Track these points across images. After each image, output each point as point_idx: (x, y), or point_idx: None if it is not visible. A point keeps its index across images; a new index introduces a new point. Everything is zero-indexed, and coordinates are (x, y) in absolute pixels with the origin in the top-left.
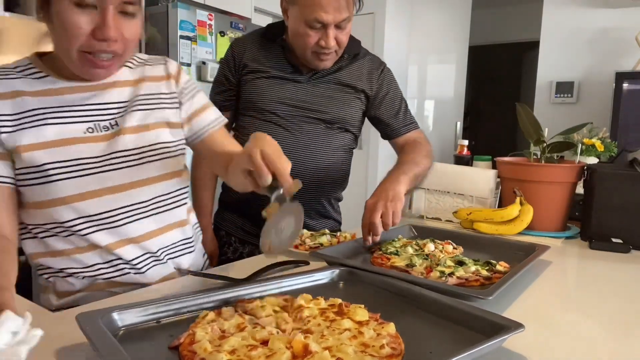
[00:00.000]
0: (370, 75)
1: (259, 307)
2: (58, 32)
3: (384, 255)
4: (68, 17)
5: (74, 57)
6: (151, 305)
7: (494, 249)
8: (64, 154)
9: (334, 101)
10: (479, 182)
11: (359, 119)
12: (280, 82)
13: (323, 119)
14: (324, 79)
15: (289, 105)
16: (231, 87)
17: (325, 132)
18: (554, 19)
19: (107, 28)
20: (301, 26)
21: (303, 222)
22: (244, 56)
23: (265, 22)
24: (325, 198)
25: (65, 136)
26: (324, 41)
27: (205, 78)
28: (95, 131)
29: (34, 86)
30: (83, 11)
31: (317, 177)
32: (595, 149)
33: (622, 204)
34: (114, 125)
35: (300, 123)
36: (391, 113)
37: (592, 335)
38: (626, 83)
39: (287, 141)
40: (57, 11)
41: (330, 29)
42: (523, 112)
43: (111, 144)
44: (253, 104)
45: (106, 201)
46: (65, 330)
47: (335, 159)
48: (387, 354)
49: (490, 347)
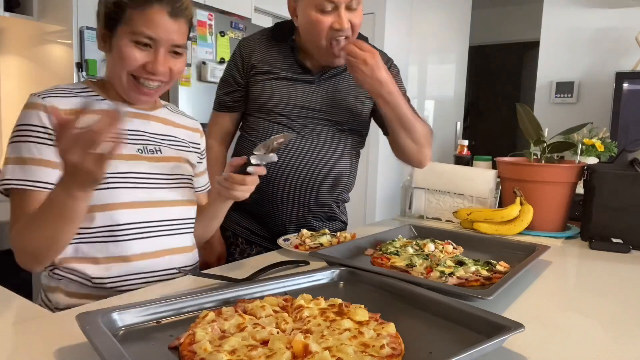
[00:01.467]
0: None
1: (258, 307)
2: (115, 60)
3: (384, 256)
4: (126, 50)
5: (124, 81)
6: (151, 305)
7: (494, 249)
8: (122, 167)
9: (343, 102)
10: (479, 182)
11: (368, 118)
12: (289, 83)
13: (335, 120)
14: (334, 79)
15: (298, 107)
16: (239, 87)
17: (335, 134)
18: (554, 19)
19: (157, 64)
20: (312, 13)
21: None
22: (252, 57)
23: (265, 22)
24: (333, 200)
25: (121, 152)
26: (337, 23)
27: (205, 78)
28: (144, 152)
29: (95, 107)
30: (139, 48)
31: (326, 180)
32: (595, 149)
33: (622, 204)
34: (157, 151)
35: (309, 125)
36: None
37: (592, 335)
38: (626, 83)
39: (297, 143)
40: (117, 45)
41: (342, 9)
42: (523, 112)
43: (155, 166)
44: (262, 106)
45: (147, 212)
46: (65, 330)
47: (344, 161)
48: (387, 354)
49: (490, 347)
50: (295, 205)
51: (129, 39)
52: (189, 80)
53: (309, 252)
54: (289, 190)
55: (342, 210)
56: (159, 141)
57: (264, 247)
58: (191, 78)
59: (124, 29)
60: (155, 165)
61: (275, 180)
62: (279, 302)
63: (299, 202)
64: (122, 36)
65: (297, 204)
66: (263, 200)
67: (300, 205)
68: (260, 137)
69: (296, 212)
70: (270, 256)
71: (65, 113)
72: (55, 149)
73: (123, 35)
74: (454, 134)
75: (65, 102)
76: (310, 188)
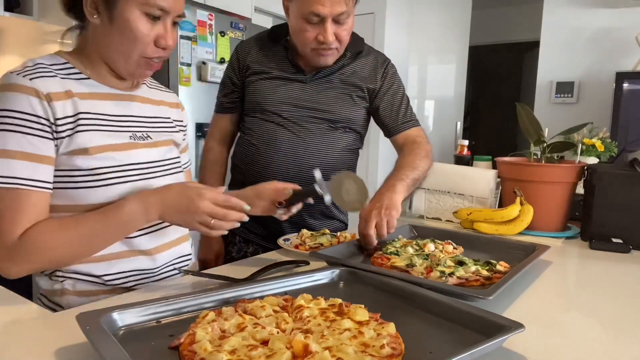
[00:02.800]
0: (374, 71)
1: (258, 307)
2: (122, 36)
3: (384, 256)
4: (137, 25)
5: (134, 60)
6: (151, 305)
7: (494, 249)
8: (119, 158)
9: (337, 100)
10: (479, 182)
11: (364, 118)
12: (283, 82)
13: (327, 118)
14: (326, 78)
15: (292, 105)
16: (236, 89)
17: (329, 132)
18: (554, 19)
19: (169, 38)
20: (299, 21)
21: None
22: (247, 58)
23: (265, 22)
24: None
25: (115, 142)
26: (322, 36)
27: (206, 78)
28: (135, 139)
29: (80, 88)
30: (150, 21)
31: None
32: (595, 149)
33: (622, 204)
34: (147, 137)
35: (304, 123)
36: (392, 108)
37: (592, 335)
38: (626, 83)
39: (292, 142)
40: (125, 17)
41: (328, 23)
42: (523, 112)
43: (147, 153)
44: (257, 105)
45: None
46: (65, 330)
47: (340, 159)
48: (387, 354)
49: (490, 347)
50: None
51: (140, 11)
52: (189, 80)
53: (309, 252)
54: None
55: (341, 210)
56: (147, 125)
57: (261, 245)
58: (191, 78)
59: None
60: (147, 152)
61: (269, 178)
62: (279, 302)
63: None
64: (130, 6)
65: None
66: None
67: None
68: (256, 136)
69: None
70: (270, 256)
71: (57, 96)
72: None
73: (132, 4)
74: (454, 134)
75: (54, 84)
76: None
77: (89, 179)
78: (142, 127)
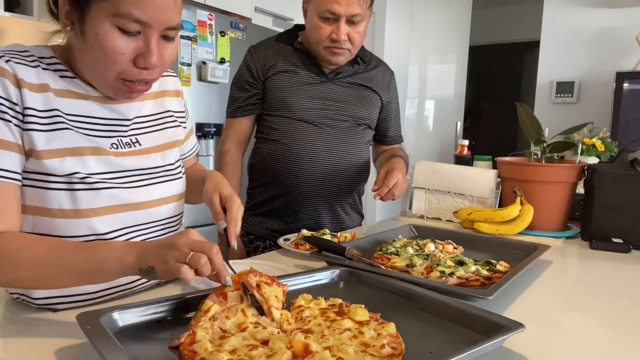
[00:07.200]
0: (387, 82)
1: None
2: (93, 52)
3: (384, 256)
4: (109, 40)
5: (110, 82)
6: (151, 305)
7: (494, 249)
8: (92, 167)
9: (360, 99)
10: (479, 182)
11: (377, 117)
12: (307, 81)
13: (351, 115)
14: (347, 79)
15: (319, 103)
16: (255, 90)
17: (353, 129)
18: (554, 19)
19: (151, 56)
20: (315, 19)
21: None
22: (266, 58)
23: (265, 22)
24: (356, 192)
25: (92, 146)
26: (335, 34)
27: (206, 78)
28: (119, 147)
29: (58, 83)
30: (125, 36)
31: (349, 173)
32: (595, 149)
33: (622, 204)
34: (135, 143)
35: (328, 121)
36: (393, 120)
37: (592, 335)
38: (626, 83)
39: (318, 139)
40: (95, 32)
41: (342, 21)
42: (523, 112)
43: (134, 161)
44: (282, 103)
45: (131, 216)
46: (65, 330)
47: (362, 154)
48: (387, 353)
49: (490, 347)
50: (324, 198)
51: (111, 23)
52: (189, 80)
53: (309, 252)
54: (315, 184)
55: (361, 203)
56: (137, 128)
57: (274, 241)
58: (191, 78)
59: (103, 7)
60: (134, 160)
61: (303, 175)
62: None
63: (327, 195)
64: (100, 18)
65: (326, 197)
66: (290, 195)
67: (329, 198)
68: (286, 134)
69: (325, 205)
70: (270, 256)
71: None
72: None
73: (102, 17)
74: (454, 134)
75: (31, 74)
76: (334, 180)
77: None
78: (130, 131)
